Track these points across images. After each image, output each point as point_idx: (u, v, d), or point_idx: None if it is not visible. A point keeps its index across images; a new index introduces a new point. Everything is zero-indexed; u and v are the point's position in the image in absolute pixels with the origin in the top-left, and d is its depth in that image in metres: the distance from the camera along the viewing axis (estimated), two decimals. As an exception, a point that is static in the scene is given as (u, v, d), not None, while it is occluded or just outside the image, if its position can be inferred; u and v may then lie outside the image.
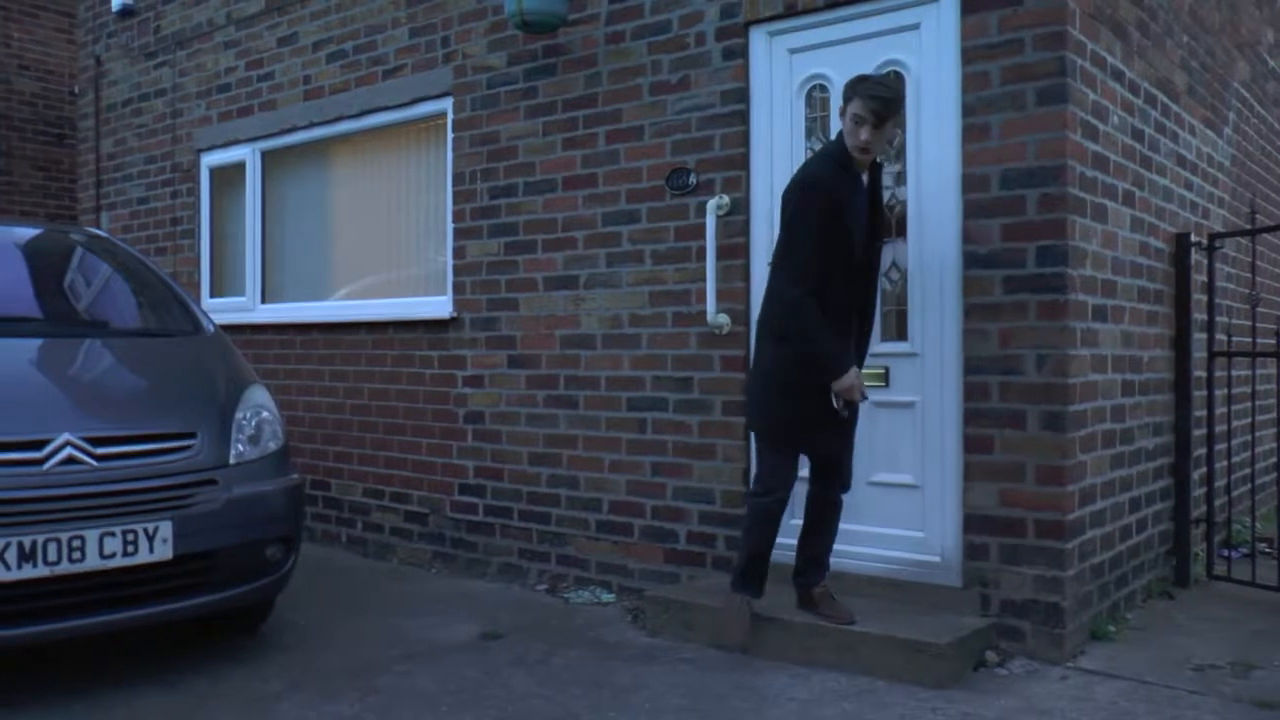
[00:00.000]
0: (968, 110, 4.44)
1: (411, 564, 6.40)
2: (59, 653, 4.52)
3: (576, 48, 5.61)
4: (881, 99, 4.04)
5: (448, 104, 6.25)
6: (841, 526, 4.52)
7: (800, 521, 4.54)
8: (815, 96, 4.95)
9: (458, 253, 6.17)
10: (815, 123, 4.95)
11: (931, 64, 4.57)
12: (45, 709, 3.95)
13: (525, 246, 5.84)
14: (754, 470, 4.60)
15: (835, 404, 4.22)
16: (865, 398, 4.33)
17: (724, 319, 5.07)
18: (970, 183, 4.44)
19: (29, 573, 3.69)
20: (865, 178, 4.26)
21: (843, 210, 4.13)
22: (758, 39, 5.05)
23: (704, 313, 5.09)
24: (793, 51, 4.97)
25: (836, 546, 4.52)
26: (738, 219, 5.05)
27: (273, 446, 4.56)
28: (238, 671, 4.36)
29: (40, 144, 13.97)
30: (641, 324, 5.39)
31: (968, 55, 4.44)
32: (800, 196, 4.16)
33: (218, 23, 7.90)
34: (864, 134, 4.05)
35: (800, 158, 4.93)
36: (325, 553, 6.66)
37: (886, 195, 4.61)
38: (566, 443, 5.68)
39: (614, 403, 5.50)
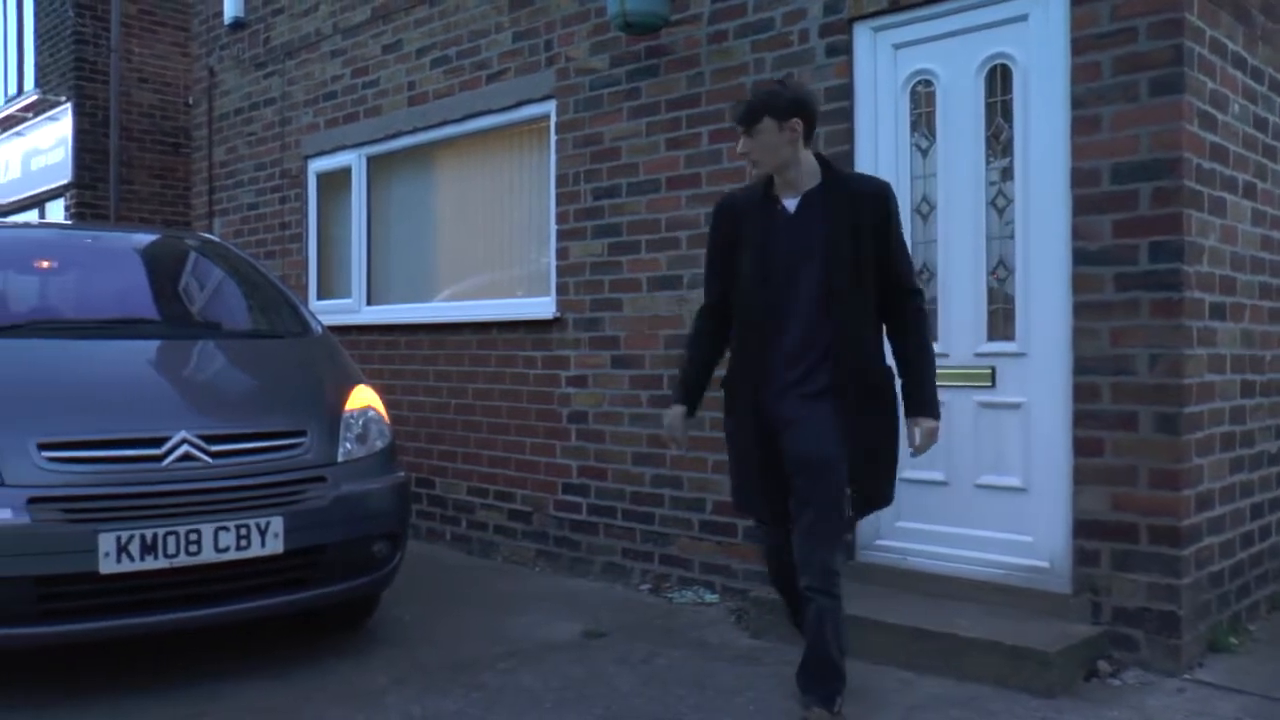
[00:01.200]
0: (1077, 103, 4.33)
1: (515, 562, 6.45)
2: (175, 642, 4.65)
3: (679, 47, 5.61)
4: (737, 107, 3.83)
5: (551, 106, 6.29)
6: (946, 529, 4.42)
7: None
8: (919, 92, 4.87)
9: (561, 254, 6.21)
10: (920, 119, 4.87)
11: (1040, 56, 4.46)
12: (163, 696, 4.08)
13: (628, 247, 5.85)
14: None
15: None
16: (681, 447, 4.18)
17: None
18: (1080, 177, 4.32)
19: (150, 564, 3.82)
20: (828, 202, 3.69)
21: (740, 239, 3.77)
22: (862, 35, 4.99)
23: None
24: (897, 47, 4.91)
25: (940, 549, 4.42)
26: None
27: (380, 445, 4.64)
28: (344, 664, 4.45)
29: (157, 153, 14.46)
30: (743, 324, 5.35)
31: (1078, 46, 4.32)
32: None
33: (325, 32, 8.08)
34: (739, 145, 3.76)
35: (905, 154, 4.87)
36: (429, 550, 6.76)
37: (991, 191, 4.51)
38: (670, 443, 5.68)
39: (716, 403, 5.45)
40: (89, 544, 3.74)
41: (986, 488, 4.64)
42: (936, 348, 4.02)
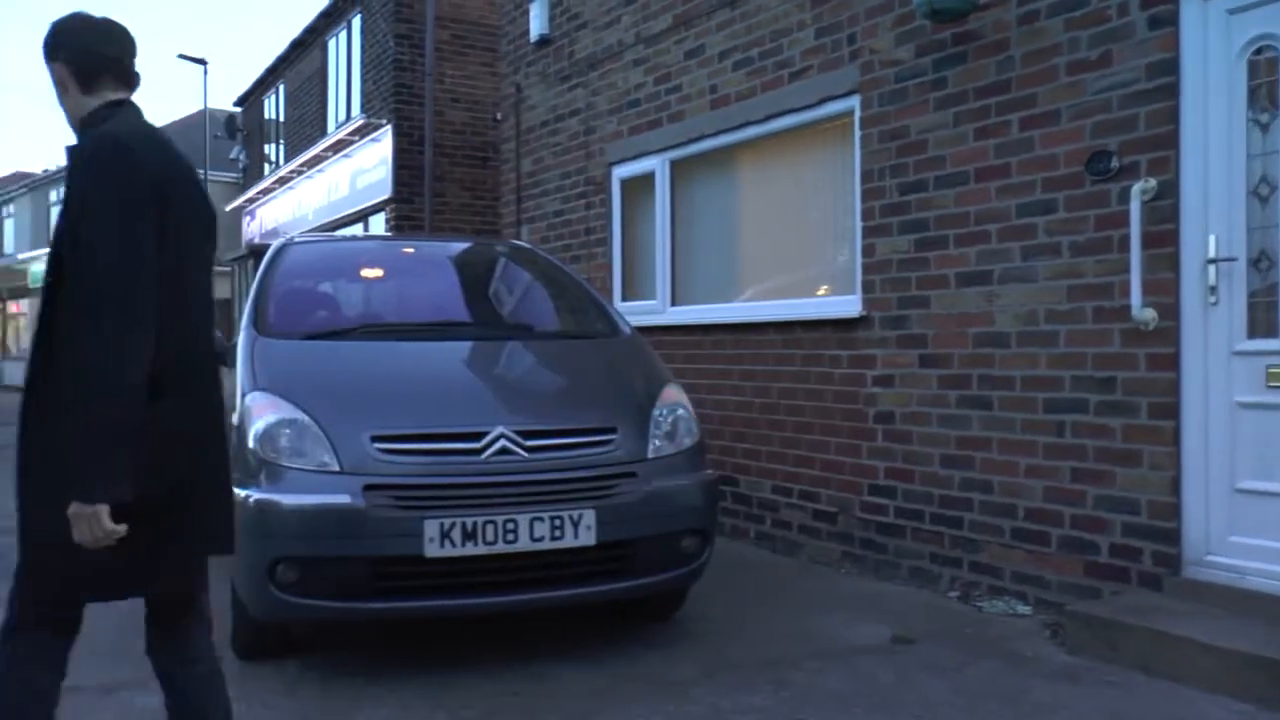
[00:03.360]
0: None
1: (820, 562, 6.39)
2: (488, 626, 4.89)
3: (987, 32, 5.39)
4: None
5: (854, 101, 6.20)
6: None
7: None
8: (1258, 61, 4.45)
9: (866, 251, 6.10)
10: (1260, 91, 4.45)
11: None
12: (483, 674, 4.30)
13: (936, 242, 5.67)
14: None
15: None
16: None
17: (1150, 314, 4.67)
18: None
19: (470, 550, 4.02)
20: None
21: None
22: (1189, 3, 4.62)
23: (1128, 307, 4.71)
24: (1231, 12, 4.50)
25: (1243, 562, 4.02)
26: (1165, 204, 4.64)
27: (688, 443, 4.69)
28: (652, 655, 4.53)
29: (467, 167, 15.31)
30: (1059, 320, 5.08)
31: None
32: None
33: (627, 43, 8.28)
34: None
35: (1240, 131, 4.47)
36: (734, 547, 6.79)
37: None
38: (979, 445, 5.46)
39: (1030, 404, 5.22)
40: (416, 529, 3.99)
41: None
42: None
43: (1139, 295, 4.66)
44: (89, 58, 2.66)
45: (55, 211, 26.08)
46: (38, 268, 32.47)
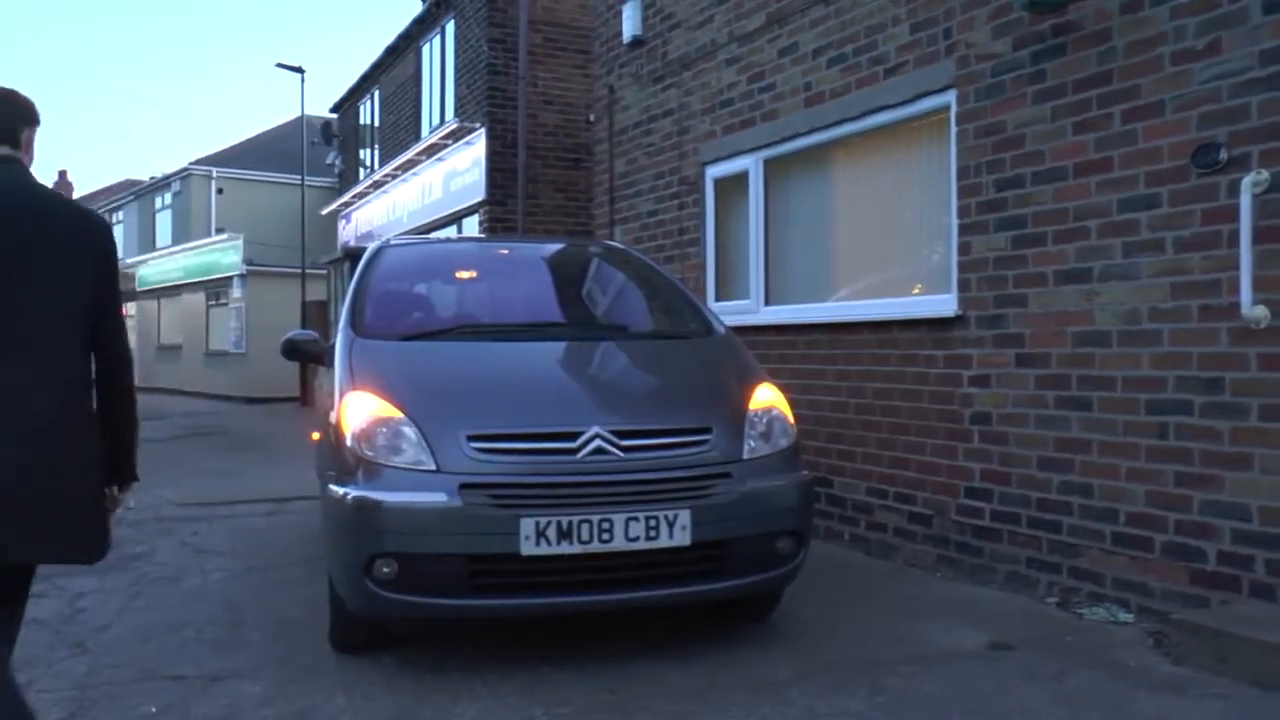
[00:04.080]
0: None
1: (915, 566, 6.31)
2: (581, 624, 4.91)
3: (1088, 22, 5.27)
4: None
5: (950, 97, 6.10)
6: None
7: None
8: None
9: (962, 249, 6.00)
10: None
11: None
12: (579, 672, 4.32)
13: (1033, 239, 5.56)
14: None
15: None
16: None
17: (1261, 311, 4.50)
18: None
19: (565, 549, 4.04)
20: None
21: None
22: (1308, -13, 4.46)
23: (1237, 305, 4.56)
24: (1354, -5, 4.34)
25: None
26: (1278, 196, 4.50)
27: (784, 443, 4.66)
28: (748, 655, 4.52)
29: (560, 169, 15.45)
30: (1162, 319, 4.94)
31: None
32: None
33: (720, 42, 8.27)
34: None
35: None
36: (828, 549, 6.73)
37: None
38: (1079, 447, 5.34)
39: (1132, 405, 5.09)
40: (512, 527, 4.02)
41: None
42: None
43: (1249, 292, 4.50)
44: None
45: (160, 218, 26.89)
46: (145, 271, 33.47)
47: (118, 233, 38.94)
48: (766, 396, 4.79)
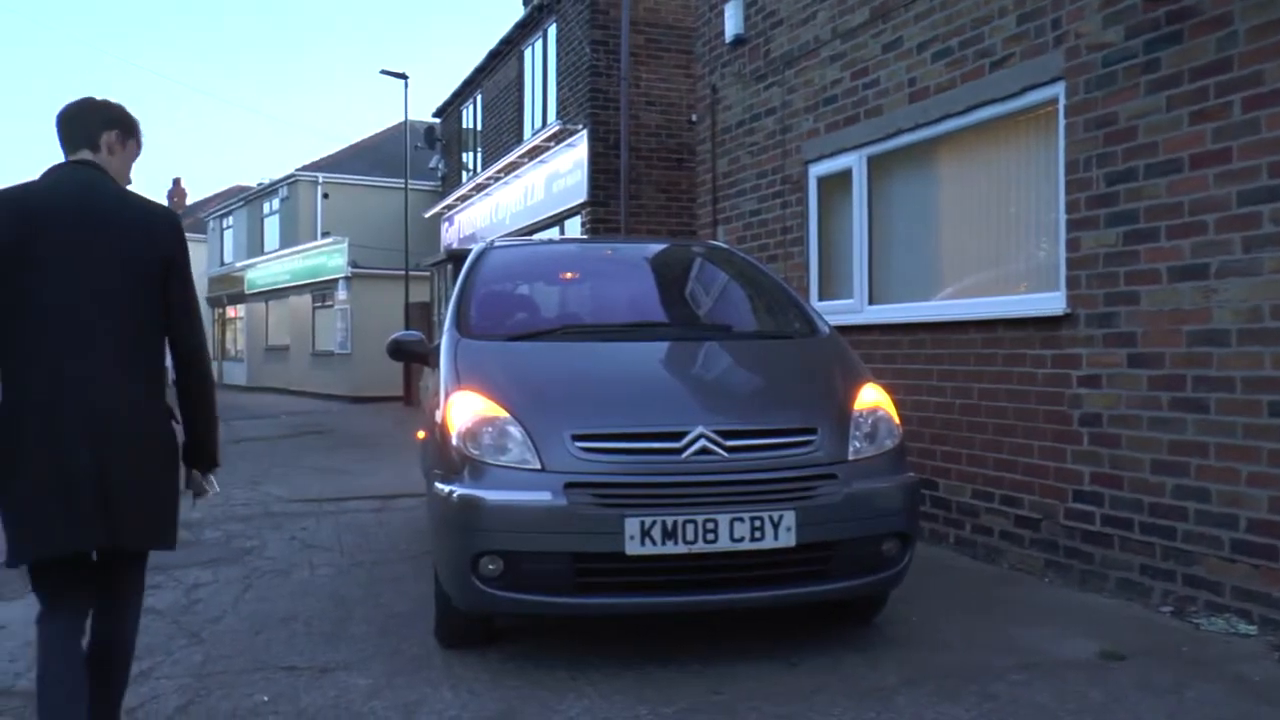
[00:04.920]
0: None
1: (1022, 570, 6.16)
2: (683, 624, 4.91)
3: (1206, 8, 5.08)
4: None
5: (1059, 89, 5.94)
6: None
7: None
8: None
9: (1071, 245, 5.84)
10: None
11: None
12: (684, 671, 4.32)
13: (1146, 235, 5.39)
14: None
15: None
16: None
17: (1396, 308, 4.33)
18: None
19: (670, 549, 4.04)
20: None
21: None
22: None
23: (1368, 302, 4.39)
24: None
25: None
26: None
27: (889, 444, 4.59)
28: (853, 659, 4.46)
29: (662, 169, 15.47)
30: (1287, 317, 4.77)
31: None
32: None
33: (823, 38, 8.19)
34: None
35: None
36: (932, 552, 6.63)
37: None
38: (1195, 450, 5.16)
39: (1252, 407, 4.90)
40: (616, 527, 4.03)
41: None
42: None
43: (1380, 289, 4.32)
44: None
45: (269, 223, 27.62)
46: (254, 274, 34.35)
47: (227, 238, 40.10)
48: (872, 397, 4.73)
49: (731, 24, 9.55)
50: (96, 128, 3.20)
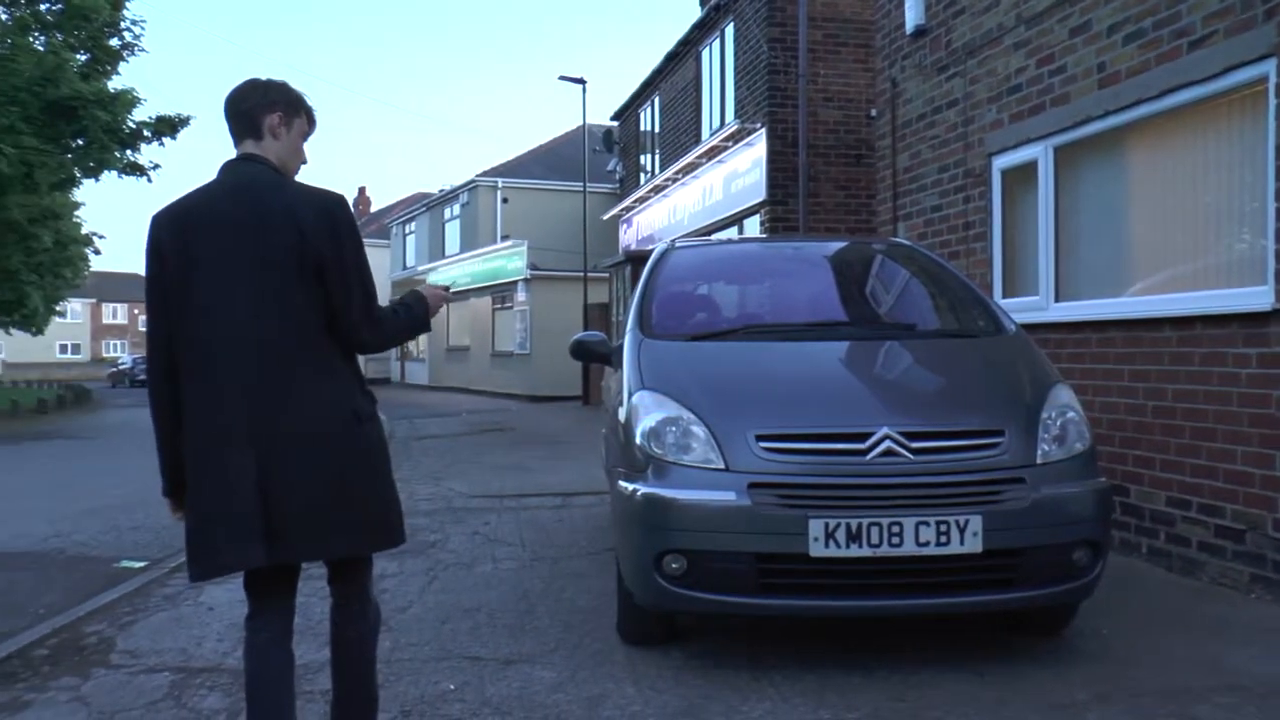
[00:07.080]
0: None
1: (1224, 584, 5.81)
2: (863, 629, 4.85)
3: None
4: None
5: (1269, 66, 5.54)
6: None
7: None
8: None
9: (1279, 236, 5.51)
10: None
11: None
12: (868, 676, 4.28)
13: (1366, 227, 5.05)
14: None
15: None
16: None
17: None
18: None
19: (854, 551, 3.98)
20: None
21: None
22: None
23: None
24: None
25: None
26: None
27: (1079, 448, 4.42)
28: (1041, 673, 4.31)
29: (841, 166, 15.31)
30: None
31: None
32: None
33: (1007, 25, 7.95)
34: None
35: None
36: (1123, 562, 6.34)
37: None
38: None
39: None
40: (800, 528, 3.99)
41: None
42: None
43: None
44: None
45: (450, 227, 28.55)
46: (435, 278, 35.46)
47: (409, 243, 41.48)
48: (1061, 398, 4.57)
49: (912, 14, 9.37)
50: (259, 112, 3.11)
